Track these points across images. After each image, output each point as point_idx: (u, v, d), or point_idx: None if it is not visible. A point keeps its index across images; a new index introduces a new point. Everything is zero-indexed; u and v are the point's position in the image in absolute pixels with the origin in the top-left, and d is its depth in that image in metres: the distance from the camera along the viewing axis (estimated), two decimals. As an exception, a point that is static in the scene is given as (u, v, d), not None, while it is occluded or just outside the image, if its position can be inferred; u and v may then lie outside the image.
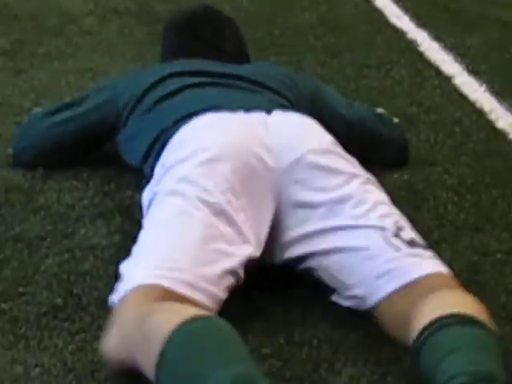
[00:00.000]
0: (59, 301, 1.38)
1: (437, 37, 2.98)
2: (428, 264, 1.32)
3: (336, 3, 3.19)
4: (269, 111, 1.52)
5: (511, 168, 2.05)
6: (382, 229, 1.34)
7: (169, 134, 1.53)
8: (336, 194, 1.38)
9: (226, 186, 1.34)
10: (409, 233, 1.36)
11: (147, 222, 1.42)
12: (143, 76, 1.82)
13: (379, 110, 1.99)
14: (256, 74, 1.77)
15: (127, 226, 1.62)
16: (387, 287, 1.30)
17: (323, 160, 1.42)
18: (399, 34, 2.98)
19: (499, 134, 2.22)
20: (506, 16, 3.20)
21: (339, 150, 1.49)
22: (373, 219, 1.36)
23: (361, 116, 1.94)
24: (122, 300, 1.23)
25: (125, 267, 1.32)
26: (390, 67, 2.61)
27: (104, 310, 1.31)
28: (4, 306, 1.35)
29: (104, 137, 1.81)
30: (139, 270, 1.27)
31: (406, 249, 1.31)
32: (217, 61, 1.85)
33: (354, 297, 1.34)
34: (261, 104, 1.60)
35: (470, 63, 2.69)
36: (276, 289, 1.42)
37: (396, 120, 1.99)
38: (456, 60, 2.72)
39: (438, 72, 2.68)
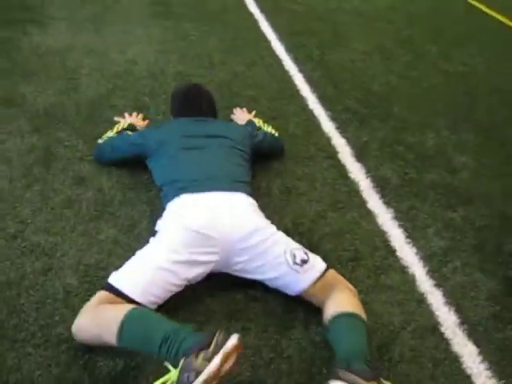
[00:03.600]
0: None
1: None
2: (314, 273, 1.48)
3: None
4: (228, 191, 1.57)
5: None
6: (287, 262, 1.47)
7: (172, 189, 1.59)
8: (260, 249, 1.48)
9: (189, 248, 1.42)
10: (299, 256, 1.49)
11: (144, 249, 1.46)
12: (161, 134, 1.83)
13: (270, 130, 2.19)
14: (224, 131, 1.84)
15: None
16: (297, 290, 1.49)
17: (253, 239, 1.48)
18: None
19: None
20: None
21: (260, 220, 1.57)
22: (281, 257, 1.47)
23: (267, 138, 2.11)
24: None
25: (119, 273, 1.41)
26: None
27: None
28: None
29: (140, 156, 1.86)
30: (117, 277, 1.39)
31: (300, 268, 1.47)
32: (199, 117, 1.88)
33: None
34: (224, 182, 1.60)
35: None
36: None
37: (277, 134, 2.21)
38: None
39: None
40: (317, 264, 1.52)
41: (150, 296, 1.37)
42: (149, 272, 1.39)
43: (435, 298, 1.71)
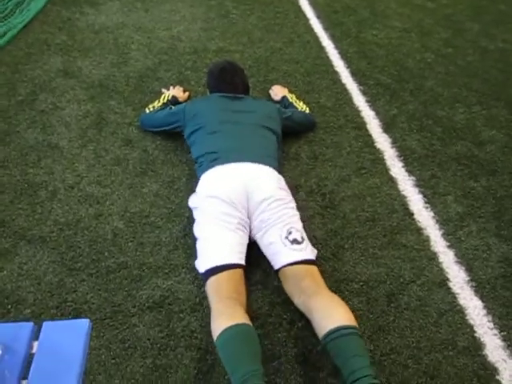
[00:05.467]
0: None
1: None
2: (298, 254, 1.52)
3: None
4: (255, 163, 1.70)
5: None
6: (281, 233, 1.56)
7: (207, 161, 1.74)
8: (274, 216, 1.60)
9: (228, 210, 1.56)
10: (294, 235, 1.56)
11: (198, 227, 1.62)
12: (198, 106, 1.98)
13: (302, 109, 2.30)
14: (254, 108, 1.96)
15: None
16: (278, 263, 1.55)
17: (271, 204, 1.61)
18: None
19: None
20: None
21: (280, 192, 1.67)
22: (279, 228, 1.57)
23: (296, 114, 2.21)
24: (208, 278, 1.47)
25: (199, 253, 1.56)
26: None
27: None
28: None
29: (178, 127, 2.03)
30: (207, 258, 1.51)
31: (289, 245, 1.54)
32: (232, 93, 1.99)
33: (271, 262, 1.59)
34: (252, 155, 1.72)
35: None
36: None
37: (308, 111, 2.31)
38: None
39: None
40: (306, 252, 1.55)
41: (230, 253, 1.51)
42: (214, 239, 1.54)
43: (447, 257, 1.82)
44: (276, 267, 1.56)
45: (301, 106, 2.35)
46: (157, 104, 2.24)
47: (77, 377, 0.92)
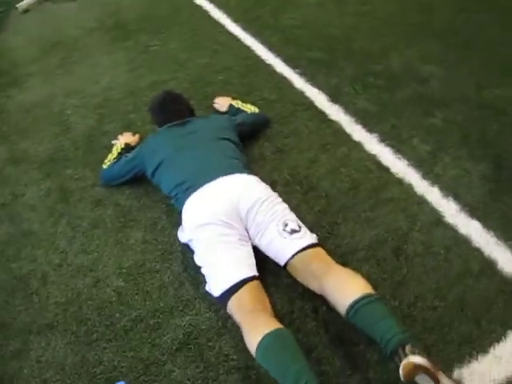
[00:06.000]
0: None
1: None
2: (300, 242, 1.53)
3: None
4: (226, 174, 1.69)
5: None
6: (278, 228, 1.57)
7: (180, 192, 1.73)
8: (266, 216, 1.60)
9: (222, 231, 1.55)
10: (290, 226, 1.57)
11: (200, 256, 1.61)
12: (152, 144, 1.97)
13: (251, 111, 2.32)
14: (206, 125, 1.98)
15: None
16: (284, 258, 1.55)
17: (261, 207, 1.62)
18: None
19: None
20: None
21: (265, 192, 1.69)
22: (274, 224, 1.58)
23: (246, 117, 2.24)
24: (227, 298, 1.46)
25: (209, 278, 1.56)
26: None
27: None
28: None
29: (140, 171, 2.02)
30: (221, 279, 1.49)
31: (288, 236, 1.55)
32: (180, 120, 2.00)
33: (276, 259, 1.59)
34: (222, 170, 1.71)
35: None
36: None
37: (258, 110, 2.33)
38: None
39: None
40: (306, 238, 1.56)
41: (241, 268, 1.50)
42: (220, 261, 1.54)
43: (433, 195, 1.88)
44: (283, 263, 1.57)
45: (249, 108, 2.38)
46: (111, 157, 2.24)
47: None
